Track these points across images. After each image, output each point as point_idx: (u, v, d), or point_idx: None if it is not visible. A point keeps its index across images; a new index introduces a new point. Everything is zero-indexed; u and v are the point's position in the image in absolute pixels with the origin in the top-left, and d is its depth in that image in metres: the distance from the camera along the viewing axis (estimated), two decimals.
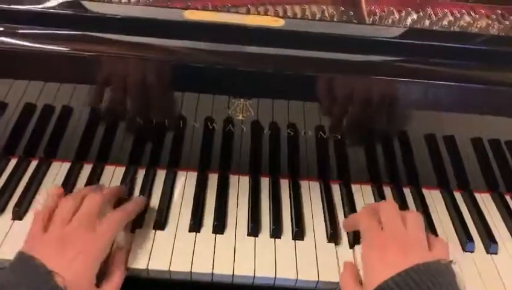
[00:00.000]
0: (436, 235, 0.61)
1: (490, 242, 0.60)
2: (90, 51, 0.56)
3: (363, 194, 0.68)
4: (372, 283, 0.47)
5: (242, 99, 0.58)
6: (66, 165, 0.67)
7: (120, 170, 0.68)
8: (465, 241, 0.60)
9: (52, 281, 0.44)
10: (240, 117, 0.60)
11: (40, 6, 0.58)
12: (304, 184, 0.68)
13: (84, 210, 0.52)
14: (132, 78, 0.58)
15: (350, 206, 0.64)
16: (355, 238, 0.59)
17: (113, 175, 0.67)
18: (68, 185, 0.64)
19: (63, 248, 0.48)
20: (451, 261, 0.50)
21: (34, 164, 0.67)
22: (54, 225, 0.50)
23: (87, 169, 0.67)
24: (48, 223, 0.51)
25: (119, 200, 0.59)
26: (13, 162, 0.67)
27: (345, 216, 0.63)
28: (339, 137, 0.63)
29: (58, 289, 0.44)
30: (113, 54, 0.57)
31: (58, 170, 0.67)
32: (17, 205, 0.60)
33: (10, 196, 0.62)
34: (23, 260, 0.47)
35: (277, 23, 0.58)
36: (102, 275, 0.51)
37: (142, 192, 0.64)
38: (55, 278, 0.45)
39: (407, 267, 0.46)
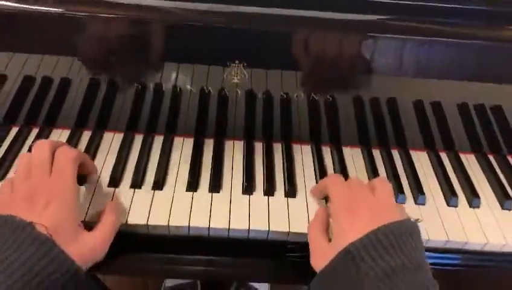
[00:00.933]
0: (423, 192, 0.64)
1: (473, 197, 0.63)
2: (84, 12, 0.57)
3: (353, 156, 0.70)
4: (341, 244, 0.47)
5: (237, 61, 0.60)
6: (66, 133, 0.70)
7: (119, 137, 0.70)
8: (450, 196, 0.63)
9: (34, 232, 0.45)
10: (235, 80, 0.62)
11: None
12: (296, 147, 0.70)
13: (35, 159, 0.52)
14: (126, 39, 0.60)
15: (341, 167, 0.67)
16: None
17: (112, 141, 0.69)
18: None
19: (31, 199, 0.48)
20: (417, 220, 0.51)
21: (35, 132, 0.70)
22: (17, 182, 0.51)
23: (86, 136, 0.70)
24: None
25: None
26: (15, 130, 0.69)
27: None
28: (330, 99, 0.65)
29: (42, 236, 0.45)
30: (108, 15, 0.58)
31: (59, 137, 0.69)
32: None
33: (12, 163, 0.64)
34: (1, 221, 0.46)
35: None
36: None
37: (140, 157, 0.66)
38: (37, 228, 0.45)
39: (374, 228, 0.47)
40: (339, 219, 0.51)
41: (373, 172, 0.67)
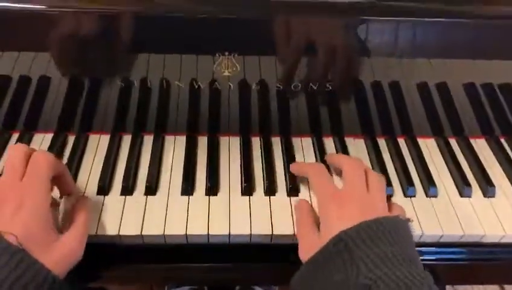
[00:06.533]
0: (433, 182, 0.60)
1: (487, 186, 0.60)
2: (68, 8, 0.53)
3: (356, 146, 0.66)
4: (330, 233, 0.46)
5: (227, 53, 0.55)
6: (49, 136, 0.65)
7: (105, 138, 0.65)
8: (462, 186, 0.60)
9: (3, 241, 0.41)
10: (226, 73, 0.58)
11: None
12: (296, 140, 0.66)
13: (8, 162, 0.48)
14: (109, 34, 0.55)
15: None
16: None
17: (98, 143, 0.64)
18: None
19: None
20: (409, 219, 0.49)
21: (15, 136, 0.65)
22: None
23: (71, 140, 0.65)
24: None
25: None
26: None
27: None
28: (330, 88, 0.61)
29: (13, 247, 0.41)
30: (90, 10, 0.53)
31: (41, 142, 0.64)
32: None
33: None
34: None
35: None
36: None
37: (129, 159, 0.62)
38: (6, 238, 0.42)
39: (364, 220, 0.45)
40: (327, 208, 0.50)
41: (378, 163, 0.63)
